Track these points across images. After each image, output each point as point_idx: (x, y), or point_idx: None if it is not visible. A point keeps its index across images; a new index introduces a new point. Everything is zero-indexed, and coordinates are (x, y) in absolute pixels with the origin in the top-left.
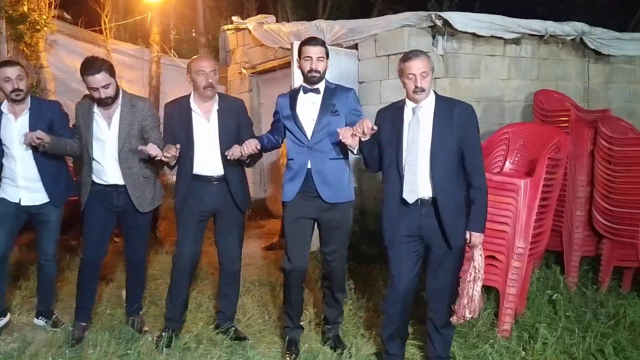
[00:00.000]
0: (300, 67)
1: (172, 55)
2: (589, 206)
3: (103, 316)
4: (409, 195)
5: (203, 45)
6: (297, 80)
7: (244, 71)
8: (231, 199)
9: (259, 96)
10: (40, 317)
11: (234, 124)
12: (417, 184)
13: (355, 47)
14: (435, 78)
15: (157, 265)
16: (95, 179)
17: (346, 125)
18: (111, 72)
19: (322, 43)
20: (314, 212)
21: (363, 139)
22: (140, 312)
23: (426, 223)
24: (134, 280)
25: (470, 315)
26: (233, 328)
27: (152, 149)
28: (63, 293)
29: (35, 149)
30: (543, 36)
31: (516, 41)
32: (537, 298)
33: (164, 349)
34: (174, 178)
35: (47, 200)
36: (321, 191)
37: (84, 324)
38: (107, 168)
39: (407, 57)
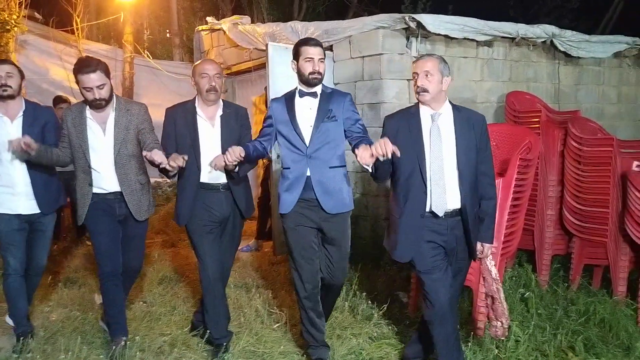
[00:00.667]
0: (299, 69)
1: (145, 55)
2: (560, 205)
3: (75, 320)
4: (439, 208)
5: (177, 46)
6: (273, 81)
7: None
8: (236, 207)
9: (234, 97)
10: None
11: (237, 130)
12: (446, 196)
13: (330, 48)
14: (409, 80)
15: None
16: (94, 188)
17: (344, 132)
18: (107, 73)
19: (321, 44)
20: (315, 222)
21: (381, 159)
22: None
23: (451, 235)
24: (125, 288)
25: (507, 323)
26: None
27: (158, 156)
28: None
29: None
30: (514, 38)
31: (488, 43)
32: (510, 296)
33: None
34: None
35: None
36: (322, 202)
37: (123, 338)
38: (106, 176)
39: (416, 59)
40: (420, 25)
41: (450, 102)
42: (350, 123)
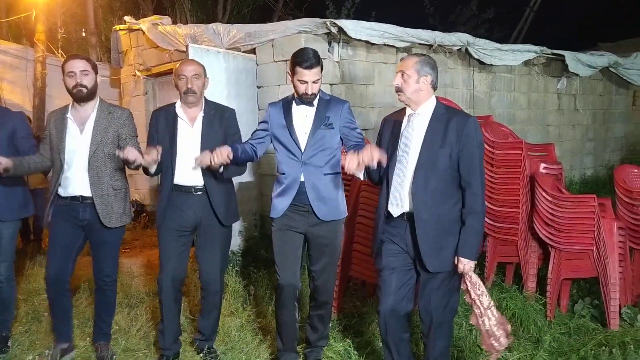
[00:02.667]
0: (293, 83)
1: (59, 55)
2: None
3: None
4: (395, 209)
5: (94, 46)
6: None
7: (138, 73)
8: (213, 212)
9: (155, 100)
10: None
11: (220, 132)
12: (405, 197)
13: (253, 51)
14: (331, 84)
15: (40, 279)
16: (61, 191)
17: (340, 140)
18: (93, 67)
19: (317, 62)
20: (303, 227)
21: (371, 167)
22: (110, 340)
23: (410, 240)
24: (101, 304)
25: (501, 347)
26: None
27: (131, 153)
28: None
29: None
30: (432, 45)
31: (407, 50)
32: None
33: None
34: None
35: None
36: (316, 208)
37: (64, 345)
38: (75, 177)
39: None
40: (341, 30)
41: (440, 103)
42: (348, 131)
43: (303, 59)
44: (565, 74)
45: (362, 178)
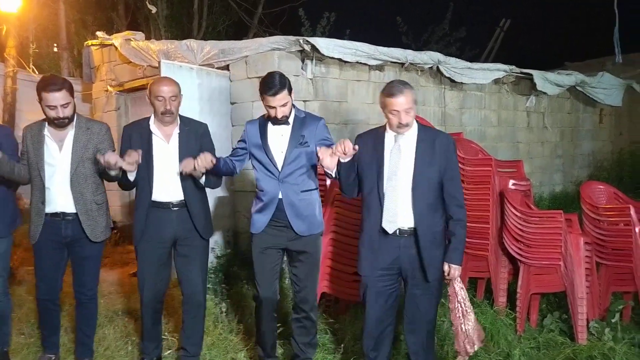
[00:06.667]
0: (265, 107)
1: (30, 70)
2: None
3: None
4: (389, 225)
5: (66, 61)
6: None
7: (110, 89)
8: (192, 225)
9: (128, 115)
10: None
11: (196, 147)
12: (397, 214)
13: (226, 67)
14: (304, 101)
15: (19, 296)
16: (44, 208)
17: (317, 156)
18: (71, 92)
19: (282, 87)
20: (283, 242)
21: (343, 160)
22: (93, 356)
23: (404, 254)
24: (84, 320)
25: (472, 350)
26: None
27: (112, 157)
28: None
29: None
30: (404, 64)
31: (380, 68)
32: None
33: None
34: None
35: None
36: (294, 224)
37: (52, 355)
38: (56, 194)
39: (390, 92)
40: (314, 48)
41: (417, 122)
42: (323, 146)
43: (268, 86)
44: (534, 93)
45: (333, 176)
